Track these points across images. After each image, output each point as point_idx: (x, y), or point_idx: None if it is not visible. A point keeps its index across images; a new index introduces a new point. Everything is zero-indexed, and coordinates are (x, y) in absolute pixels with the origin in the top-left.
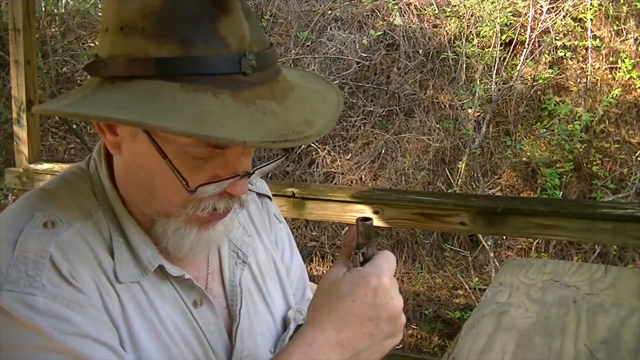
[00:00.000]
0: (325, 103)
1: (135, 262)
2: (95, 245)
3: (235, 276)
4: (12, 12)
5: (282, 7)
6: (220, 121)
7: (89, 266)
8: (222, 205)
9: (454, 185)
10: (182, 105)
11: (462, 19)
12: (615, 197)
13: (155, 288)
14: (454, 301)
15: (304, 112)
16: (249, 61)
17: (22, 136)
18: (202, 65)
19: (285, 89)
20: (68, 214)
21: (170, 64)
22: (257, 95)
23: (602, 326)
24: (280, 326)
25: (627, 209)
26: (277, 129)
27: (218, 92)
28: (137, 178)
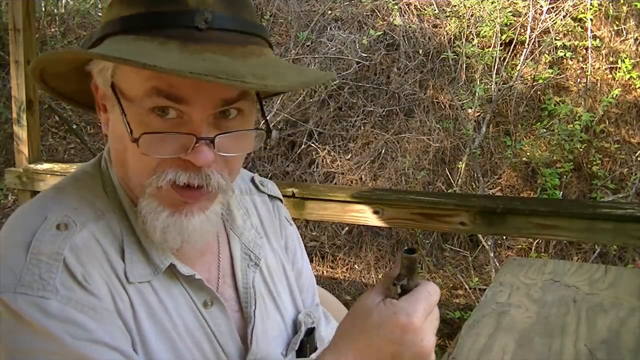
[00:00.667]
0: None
1: (146, 262)
2: (107, 246)
3: (248, 278)
4: (12, 12)
5: (282, 7)
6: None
7: (102, 269)
8: (184, 177)
9: (454, 185)
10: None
11: (462, 19)
12: (615, 197)
13: (166, 288)
14: (454, 301)
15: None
16: (203, 15)
17: (22, 136)
18: (155, 19)
19: (251, 55)
20: (81, 215)
21: (129, 20)
22: (209, 50)
23: (602, 326)
24: (290, 329)
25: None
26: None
27: (165, 42)
28: (118, 153)
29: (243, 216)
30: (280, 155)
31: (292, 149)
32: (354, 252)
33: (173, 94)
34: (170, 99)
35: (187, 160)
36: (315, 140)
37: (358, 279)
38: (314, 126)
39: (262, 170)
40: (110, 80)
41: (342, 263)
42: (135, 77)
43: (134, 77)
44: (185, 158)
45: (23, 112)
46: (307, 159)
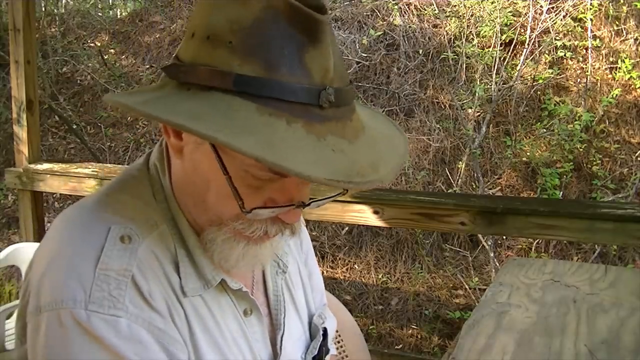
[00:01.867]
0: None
1: (197, 276)
2: (164, 259)
3: (278, 286)
4: (12, 12)
5: None
6: (289, 150)
7: (160, 283)
8: (274, 230)
9: (454, 185)
10: (256, 126)
11: (462, 19)
12: (615, 197)
13: (215, 300)
14: (454, 301)
15: (371, 156)
16: (328, 95)
17: (22, 136)
18: (281, 91)
19: (357, 129)
20: (140, 226)
21: (250, 83)
22: (330, 131)
23: (602, 326)
24: (307, 332)
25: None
26: (343, 168)
27: (292, 120)
28: (193, 185)
29: None
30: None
31: None
32: (353, 252)
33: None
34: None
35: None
36: None
37: (358, 279)
38: None
39: None
40: None
41: (342, 263)
42: None
43: None
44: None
45: (23, 112)
46: None
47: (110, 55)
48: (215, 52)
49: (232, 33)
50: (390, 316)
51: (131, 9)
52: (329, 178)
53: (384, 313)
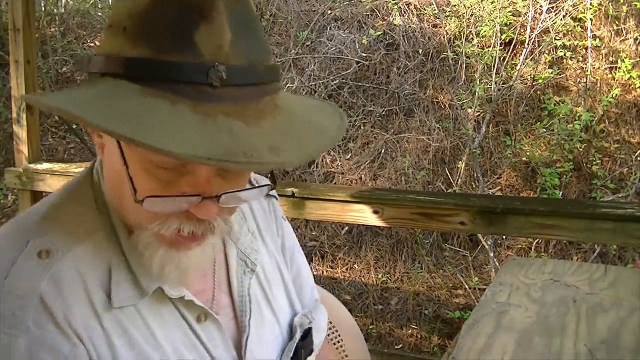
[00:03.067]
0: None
1: (133, 284)
2: (90, 272)
3: (244, 286)
4: (12, 12)
5: (282, 7)
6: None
7: (79, 302)
8: (188, 227)
9: (454, 185)
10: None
11: (462, 19)
12: (615, 197)
13: (154, 309)
14: (454, 301)
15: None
16: (218, 73)
17: (22, 136)
18: (166, 70)
19: (264, 112)
20: (67, 237)
21: (136, 66)
22: (223, 112)
23: (602, 326)
24: (286, 333)
25: (627, 209)
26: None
27: (177, 100)
28: (116, 184)
29: (240, 222)
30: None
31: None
32: (354, 252)
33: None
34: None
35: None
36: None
37: (358, 279)
38: None
39: None
40: None
41: (342, 263)
42: None
43: None
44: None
45: (23, 112)
46: None
47: None
48: (114, 40)
49: (128, 19)
50: (390, 316)
51: None
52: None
53: (384, 313)
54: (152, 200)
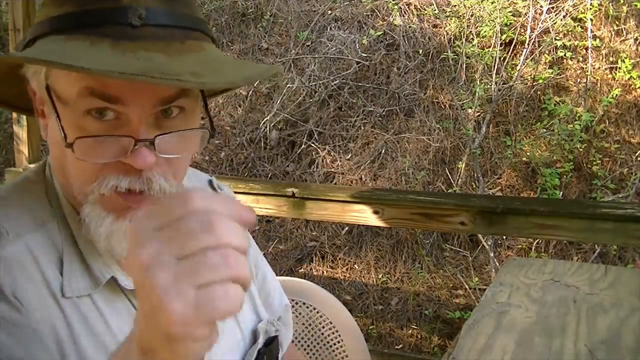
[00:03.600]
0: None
1: (86, 274)
2: (43, 258)
3: None
4: (12, 12)
5: (282, 7)
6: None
7: (34, 283)
8: (125, 182)
9: (454, 185)
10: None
11: (462, 19)
12: (615, 197)
13: (109, 302)
14: (454, 301)
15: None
16: (136, 12)
17: (22, 136)
18: (86, 17)
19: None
20: (18, 224)
21: (59, 20)
22: (143, 48)
23: (602, 326)
24: (248, 339)
25: (627, 209)
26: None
27: (97, 40)
28: (58, 160)
29: None
30: (280, 155)
31: (292, 149)
32: (354, 252)
33: (107, 94)
34: (105, 100)
35: (128, 164)
36: (315, 140)
37: (358, 279)
38: (314, 126)
39: (262, 170)
40: (45, 82)
41: (342, 263)
42: (68, 78)
43: (66, 78)
44: (125, 162)
45: None
46: (307, 159)
47: None
48: (43, 10)
49: None
50: (390, 316)
51: None
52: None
53: (384, 313)
54: (83, 142)
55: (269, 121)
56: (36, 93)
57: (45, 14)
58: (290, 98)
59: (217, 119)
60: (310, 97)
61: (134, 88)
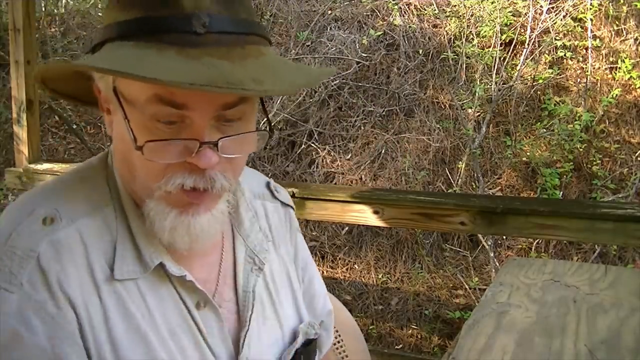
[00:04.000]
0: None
1: (136, 259)
2: (95, 243)
3: (249, 282)
4: (12, 12)
5: (282, 7)
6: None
7: (77, 268)
8: (190, 181)
9: (454, 185)
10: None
11: (462, 19)
12: (615, 197)
13: (154, 288)
14: (454, 301)
15: (257, 73)
16: (200, 20)
17: (22, 136)
18: (152, 25)
19: (249, 55)
20: (73, 209)
21: (126, 26)
22: (208, 54)
23: (602, 326)
24: (288, 338)
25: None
26: (208, 77)
27: (163, 47)
28: (122, 154)
29: (251, 219)
30: (280, 155)
31: (292, 149)
32: (354, 252)
33: (174, 101)
34: (173, 106)
35: (193, 163)
36: (315, 140)
37: (358, 279)
38: (314, 126)
39: (262, 170)
40: (112, 84)
41: (342, 263)
42: (137, 84)
43: (136, 84)
44: (190, 161)
45: (23, 112)
46: (307, 159)
47: None
48: (109, 14)
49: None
50: (390, 316)
51: None
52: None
53: (384, 313)
54: (152, 146)
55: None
56: (101, 92)
57: (112, 18)
58: (290, 98)
59: None
60: (310, 97)
61: (199, 95)
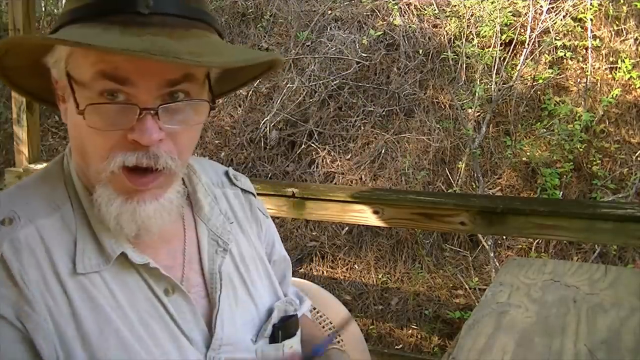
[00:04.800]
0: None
1: (98, 252)
2: (54, 241)
3: (215, 264)
4: (12, 12)
5: (282, 7)
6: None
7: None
8: (132, 158)
9: (454, 185)
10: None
11: (462, 19)
12: (615, 197)
13: (119, 278)
14: (454, 301)
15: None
16: (145, 1)
17: (22, 136)
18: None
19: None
20: (31, 210)
21: (77, 11)
22: (150, 33)
23: (602, 326)
24: (264, 316)
25: (627, 209)
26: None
27: (108, 27)
28: (75, 141)
29: (210, 203)
30: (280, 155)
31: (292, 149)
32: (354, 252)
33: (118, 76)
34: (116, 81)
35: (136, 141)
36: (315, 140)
37: (358, 279)
38: (314, 126)
39: (262, 170)
40: (65, 69)
41: (342, 263)
42: (84, 63)
43: (83, 62)
44: (132, 137)
45: (23, 112)
46: (307, 159)
47: None
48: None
49: None
50: (390, 316)
51: None
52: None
53: (384, 313)
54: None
55: (269, 121)
56: (57, 81)
57: (66, 7)
58: (290, 98)
59: (217, 119)
60: (310, 97)
61: (142, 70)
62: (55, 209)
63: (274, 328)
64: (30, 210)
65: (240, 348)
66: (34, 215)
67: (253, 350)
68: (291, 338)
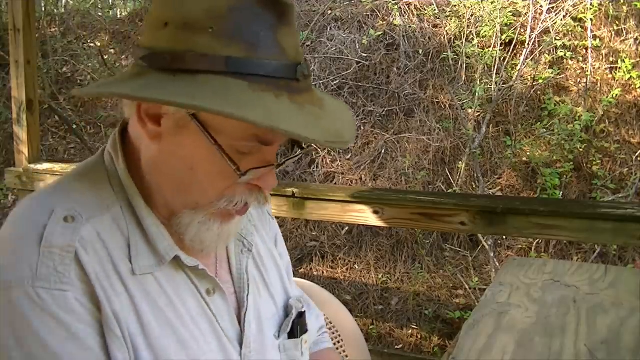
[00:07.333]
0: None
1: (151, 254)
2: (110, 240)
3: (242, 264)
4: (12, 12)
5: None
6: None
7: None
8: (253, 199)
9: (454, 185)
10: (251, 100)
11: (462, 19)
12: (615, 197)
13: (170, 278)
14: (454, 301)
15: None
16: (302, 69)
17: (22, 136)
18: (266, 68)
19: (320, 99)
20: (86, 208)
21: (239, 63)
22: (306, 101)
23: (602, 326)
24: (282, 312)
25: (627, 209)
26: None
27: (278, 94)
28: (172, 169)
29: None
30: (280, 155)
31: (292, 149)
32: (354, 252)
33: (267, 140)
34: (264, 144)
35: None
36: None
37: (358, 279)
38: None
39: None
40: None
41: (342, 263)
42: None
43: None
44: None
45: (23, 112)
46: (307, 159)
47: (110, 55)
48: (197, 39)
49: (211, 19)
50: (390, 316)
51: (131, 9)
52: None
53: (384, 313)
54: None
55: None
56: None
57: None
58: None
59: None
60: None
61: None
62: (105, 209)
63: (293, 324)
64: (85, 207)
65: (265, 344)
66: (90, 215)
67: (276, 345)
68: (306, 333)
